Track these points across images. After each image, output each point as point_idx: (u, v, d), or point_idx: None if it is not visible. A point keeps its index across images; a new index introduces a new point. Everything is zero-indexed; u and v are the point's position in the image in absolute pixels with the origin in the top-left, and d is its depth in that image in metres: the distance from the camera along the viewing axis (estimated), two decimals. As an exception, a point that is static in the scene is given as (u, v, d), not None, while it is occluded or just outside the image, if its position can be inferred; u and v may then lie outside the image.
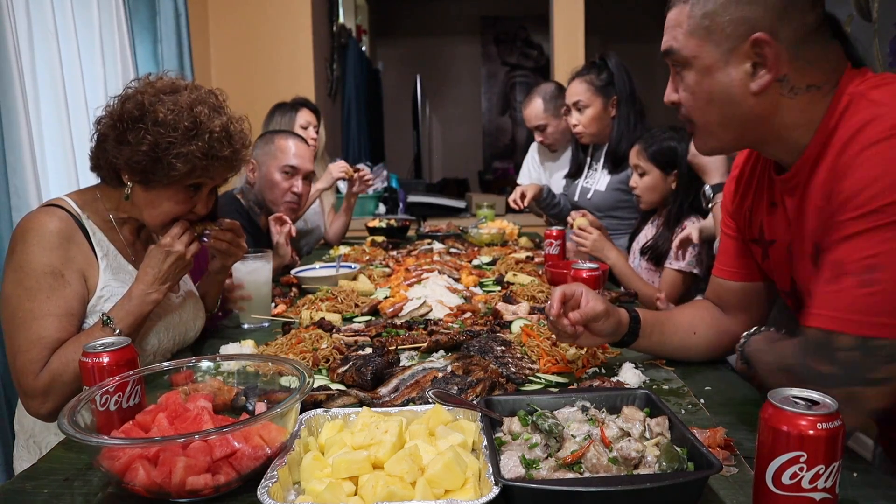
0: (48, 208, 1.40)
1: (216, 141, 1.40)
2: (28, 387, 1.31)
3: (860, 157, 0.96)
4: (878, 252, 0.92)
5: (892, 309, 0.91)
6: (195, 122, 1.38)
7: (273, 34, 4.31)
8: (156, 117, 1.35)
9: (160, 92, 1.40)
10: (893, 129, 0.93)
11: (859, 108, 0.99)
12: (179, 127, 1.36)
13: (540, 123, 3.22)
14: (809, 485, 0.73)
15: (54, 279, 1.33)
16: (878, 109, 0.97)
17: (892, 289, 0.91)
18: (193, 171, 1.39)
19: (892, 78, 1.03)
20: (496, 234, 3.05)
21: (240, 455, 0.89)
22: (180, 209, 1.46)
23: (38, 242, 1.34)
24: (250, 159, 1.51)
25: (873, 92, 1.00)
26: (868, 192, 0.93)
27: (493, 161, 8.61)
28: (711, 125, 1.12)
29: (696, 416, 1.12)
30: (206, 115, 1.39)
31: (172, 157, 1.36)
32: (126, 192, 1.43)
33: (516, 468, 0.87)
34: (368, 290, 2.09)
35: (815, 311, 0.99)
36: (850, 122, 0.99)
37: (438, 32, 8.35)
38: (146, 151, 1.35)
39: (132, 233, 1.54)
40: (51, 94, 2.29)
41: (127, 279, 1.47)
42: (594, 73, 2.75)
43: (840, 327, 0.95)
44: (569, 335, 1.26)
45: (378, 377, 1.29)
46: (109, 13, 2.76)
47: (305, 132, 3.20)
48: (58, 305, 1.33)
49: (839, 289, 0.95)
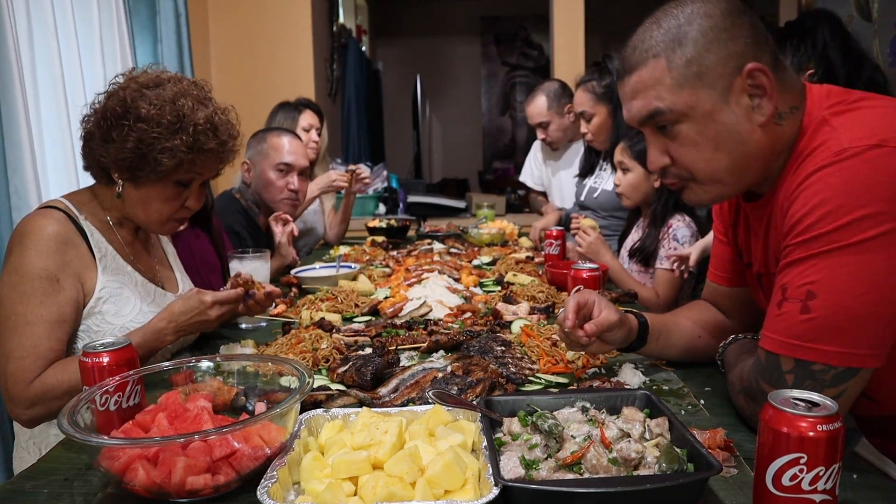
0: (46, 210, 1.40)
1: (201, 133, 1.39)
2: (16, 394, 1.31)
3: (806, 182, 0.96)
4: (816, 279, 0.94)
5: (827, 335, 0.93)
6: (178, 116, 1.37)
7: (273, 34, 4.31)
8: (139, 113, 1.35)
9: (143, 87, 1.39)
10: (838, 154, 0.94)
11: (819, 134, 1.00)
12: (163, 122, 1.36)
13: (542, 121, 3.23)
14: (809, 486, 0.73)
15: (49, 284, 1.33)
16: (831, 134, 0.97)
17: (826, 315, 0.93)
18: (180, 166, 1.39)
19: (855, 101, 1.02)
20: (496, 234, 3.05)
21: (239, 455, 0.89)
22: (172, 206, 1.46)
23: (34, 246, 1.33)
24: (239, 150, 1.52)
25: (834, 119, 1.00)
26: (809, 218, 0.94)
27: (494, 161, 8.61)
28: (719, 173, 1.06)
29: (696, 417, 1.12)
30: (189, 108, 1.39)
31: (157, 153, 1.36)
32: (117, 191, 1.44)
33: (516, 469, 0.87)
34: (368, 290, 2.09)
35: (764, 333, 1.02)
36: (811, 145, 1.00)
37: (438, 32, 8.35)
38: (131, 148, 1.35)
39: (130, 233, 1.54)
40: (51, 94, 2.29)
41: (125, 280, 1.46)
42: (595, 79, 2.74)
43: (782, 350, 0.97)
44: (581, 345, 1.24)
45: (378, 377, 1.29)
46: (109, 13, 2.76)
47: (307, 134, 3.19)
48: (50, 311, 1.33)
49: (781, 312, 0.98)
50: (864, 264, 0.91)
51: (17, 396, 1.31)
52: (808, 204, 0.95)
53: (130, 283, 1.48)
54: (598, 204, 2.83)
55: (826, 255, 0.93)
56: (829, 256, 0.92)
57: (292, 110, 3.22)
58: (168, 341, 1.45)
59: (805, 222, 0.95)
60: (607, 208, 2.79)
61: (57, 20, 2.30)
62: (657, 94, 1.04)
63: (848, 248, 0.91)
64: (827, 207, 0.93)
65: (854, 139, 0.94)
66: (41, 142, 2.21)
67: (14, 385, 1.30)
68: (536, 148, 3.59)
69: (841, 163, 0.93)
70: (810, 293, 0.94)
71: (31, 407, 1.31)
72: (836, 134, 0.97)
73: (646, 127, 1.09)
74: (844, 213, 0.91)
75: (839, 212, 0.92)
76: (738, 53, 1.00)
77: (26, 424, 1.37)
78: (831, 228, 0.92)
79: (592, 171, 2.95)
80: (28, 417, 1.34)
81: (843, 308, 0.92)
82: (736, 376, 1.12)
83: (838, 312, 0.92)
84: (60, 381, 1.30)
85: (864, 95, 1.04)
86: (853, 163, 0.92)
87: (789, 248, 0.98)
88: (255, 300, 1.52)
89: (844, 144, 0.94)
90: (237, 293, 1.48)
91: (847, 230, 0.91)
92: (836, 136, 0.96)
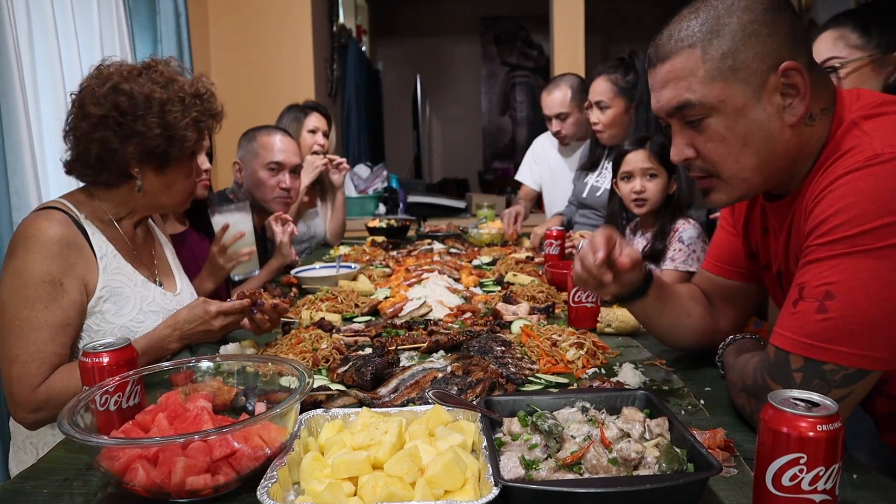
0: (47, 212, 1.39)
1: (205, 99, 1.48)
2: (21, 398, 1.31)
3: (835, 184, 0.96)
4: (835, 280, 0.93)
5: (842, 337, 0.93)
6: (184, 91, 1.45)
7: (273, 34, 4.31)
8: (156, 99, 1.40)
9: (135, 76, 1.42)
10: (870, 160, 0.93)
11: (850, 137, 0.99)
12: (176, 99, 1.42)
13: (563, 111, 3.18)
14: (809, 486, 0.73)
15: (53, 288, 1.33)
16: (863, 139, 0.97)
17: (842, 316, 0.93)
18: (201, 136, 1.47)
19: (888, 104, 1.02)
20: (496, 234, 3.05)
21: (239, 455, 0.89)
22: (192, 179, 1.54)
23: (38, 250, 1.33)
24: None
25: (866, 122, 0.99)
26: (835, 220, 0.94)
27: (493, 161, 8.60)
28: (746, 171, 1.05)
29: (695, 417, 1.12)
30: (184, 80, 1.47)
31: (183, 130, 1.42)
32: (137, 185, 1.45)
33: (516, 469, 0.87)
34: (368, 291, 2.09)
35: (777, 330, 1.01)
36: (841, 148, 1.00)
37: (438, 32, 8.35)
38: (160, 134, 1.40)
39: (130, 230, 1.55)
40: (51, 94, 2.29)
41: (125, 279, 1.47)
42: (620, 72, 2.71)
43: (794, 348, 0.97)
44: (602, 284, 1.20)
45: (378, 377, 1.29)
46: (109, 13, 2.76)
47: (313, 137, 3.19)
48: (55, 316, 1.33)
49: (797, 311, 0.97)
50: (886, 270, 0.90)
51: (22, 401, 1.31)
52: (834, 206, 0.94)
53: (130, 283, 1.48)
54: (600, 203, 2.81)
55: (848, 258, 0.92)
56: (851, 259, 0.92)
57: (299, 112, 3.21)
58: (172, 349, 1.46)
59: (830, 224, 0.94)
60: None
61: (57, 20, 2.30)
62: (689, 85, 1.02)
63: (871, 253, 0.91)
64: (854, 211, 0.92)
65: (887, 145, 0.94)
66: (41, 142, 2.21)
67: (20, 390, 1.31)
68: (537, 146, 3.55)
69: (872, 167, 0.93)
70: (828, 294, 0.93)
71: (35, 411, 1.32)
72: (868, 138, 0.96)
73: (673, 118, 1.08)
74: (871, 219, 0.91)
75: (866, 216, 0.91)
76: (775, 51, 0.99)
77: (30, 427, 1.38)
78: (856, 232, 0.92)
79: (596, 166, 2.93)
80: (32, 421, 1.34)
81: (861, 311, 0.92)
82: (737, 374, 1.12)
83: (855, 314, 0.92)
84: (67, 386, 1.30)
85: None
86: (884, 168, 0.92)
87: (811, 248, 0.97)
88: (261, 311, 1.52)
89: (878, 150, 0.94)
90: (242, 304, 1.47)
91: (872, 235, 0.91)
92: (869, 141, 0.96)
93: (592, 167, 2.93)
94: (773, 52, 0.99)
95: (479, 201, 4.17)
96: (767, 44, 0.99)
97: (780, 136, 1.02)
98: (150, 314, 1.49)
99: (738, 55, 0.99)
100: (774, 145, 1.02)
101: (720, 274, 1.36)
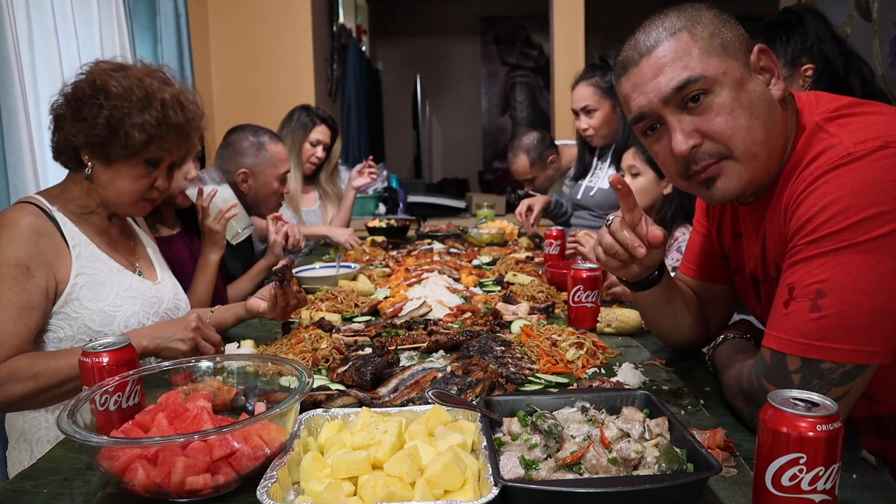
0: (19, 205, 1.45)
1: (169, 109, 1.46)
2: None
3: (815, 184, 0.97)
4: (826, 278, 0.94)
5: (838, 334, 0.93)
6: (147, 93, 1.44)
7: (273, 34, 4.31)
8: (109, 91, 1.41)
9: (111, 70, 1.45)
10: (844, 158, 0.95)
11: (817, 140, 1.02)
12: (132, 98, 1.42)
13: (528, 177, 3.39)
14: (809, 486, 0.73)
15: (18, 271, 1.35)
16: (832, 140, 0.99)
17: (837, 313, 0.93)
18: (150, 142, 1.45)
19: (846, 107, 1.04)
20: (496, 234, 3.05)
21: (239, 455, 0.89)
22: (141, 185, 1.50)
23: (7, 237, 1.37)
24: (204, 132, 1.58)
25: (830, 125, 1.02)
26: (819, 217, 0.95)
27: (493, 161, 8.60)
28: (757, 144, 1.02)
29: (695, 417, 1.12)
30: (156, 87, 1.46)
31: (128, 128, 1.41)
32: (86, 172, 1.47)
33: (516, 469, 0.87)
34: (368, 290, 2.09)
35: (769, 332, 1.01)
36: (810, 152, 1.01)
37: (438, 32, 8.35)
38: (103, 125, 1.40)
39: (103, 221, 1.56)
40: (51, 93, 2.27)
41: (100, 267, 1.49)
42: (598, 75, 2.75)
43: (790, 349, 0.97)
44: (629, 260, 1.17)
45: (378, 377, 1.29)
46: (109, 13, 2.76)
47: (313, 149, 3.20)
48: (19, 297, 1.35)
49: (789, 311, 0.98)
50: (874, 262, 0.91)
51: None
52: (817, 204, 0.95)
53: (106, 269, 1.50)
54: (595, 203, 2.82)
55: (836, 254, 0.93)
56: (839, 255, 0.93)
57: (308, 120, 3.19)
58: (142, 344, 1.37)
59: (815, 222, 0.95)
60: (604, 207, 2.79)
61: (57, 20, 2.31)
62: (685, 63, 1.02)
63: (858, 247, 0.92)
64: (837, 207, 0.93)
65: (857, 143, 0.95)
66: (41, 142, 2.21)
67: None
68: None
69: (849, 164, 0.94)
70: (820, 291, 0.94)
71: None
72: (837, 139, 0.98)
73: (668, 107, 1.04)
74: (854, 213, 0.92)
75: (849, 211, 0.92)
76: (744, 36, 1.05)
77: None
78: (841, 227, 0.92)
79: (586, 173, 2.97)
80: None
81: (855, 305, 0.92)
82: (733, 378, 1.12)
83: (850, 310, 0.92)
84: (33, 373, 1.30)
85: (856, 101, 1.05)
86: (861, 164, 0.94)
87: (797, 247, 0.98)
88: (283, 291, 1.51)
89: (850, 148, 0.95)
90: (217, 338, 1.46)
91: (857, 229, 0.92)
92: (839, 141, 0.98)
93: (583, 174, 2.98)
94: (744, 36, 1.05)
95: (479, 201, 4.17)
96: (738, 30, 1.06)
97: (776, 109, 1.05)
98: (128, 299, 1.50)
99: (723, 35, 1.04)
100: (775, 117, 1.05)
101: (691, 276, 1.39)
